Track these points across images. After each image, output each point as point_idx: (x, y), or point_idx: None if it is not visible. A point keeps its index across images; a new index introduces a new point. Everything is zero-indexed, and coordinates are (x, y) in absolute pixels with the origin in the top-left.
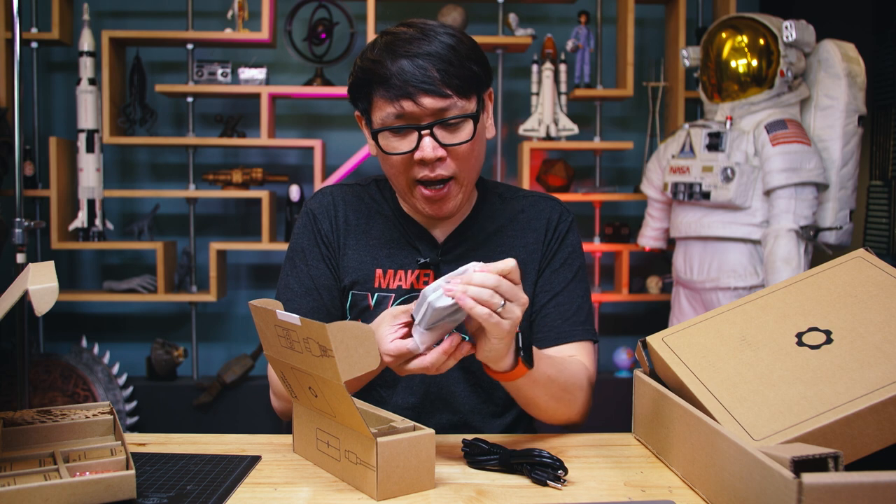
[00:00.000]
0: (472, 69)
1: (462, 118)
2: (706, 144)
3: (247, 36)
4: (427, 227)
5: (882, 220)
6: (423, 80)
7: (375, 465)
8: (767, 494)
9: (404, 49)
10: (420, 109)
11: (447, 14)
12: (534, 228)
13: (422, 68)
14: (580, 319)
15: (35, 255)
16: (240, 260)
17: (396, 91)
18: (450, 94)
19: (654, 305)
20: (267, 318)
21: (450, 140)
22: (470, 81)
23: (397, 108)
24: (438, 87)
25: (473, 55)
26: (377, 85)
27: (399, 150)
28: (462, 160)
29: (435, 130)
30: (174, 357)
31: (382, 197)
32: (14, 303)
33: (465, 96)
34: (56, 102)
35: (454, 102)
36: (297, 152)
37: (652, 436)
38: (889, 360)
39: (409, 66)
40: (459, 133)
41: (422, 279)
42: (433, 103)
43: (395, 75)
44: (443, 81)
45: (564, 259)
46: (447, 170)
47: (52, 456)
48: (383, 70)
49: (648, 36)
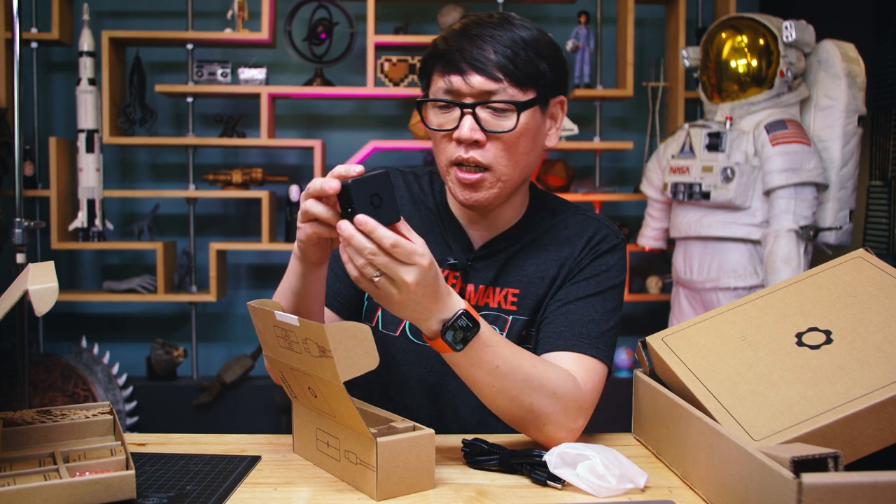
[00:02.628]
0: (538, 65)
1: (507, 104)
2: (706, 144)
3: (247, 36)
4: (466, 229)
5: (882, 220)
6: (477, 58)
7: (375, 465)
8: (767, 494)
9: (474, 30)
10: (468, 87)
11: (447, 14)
12: (572, 244)
13: (481, 48)
14: (590, 333)
15: (35, 255)
16: (240, 260)
17: (450, 66)
18: (500, 77)
19: (654, 305)
20: (265, 319)
21: (492, 126)
22: (530, 74)
23: (447, 82)
24: (490, 69)
25: (547, 55)
26: (437, 60)
27: (440, 125)
28: (501, 151)
29: (479, 112)
30: (174, 357)
31: (431, 189)
32: (14, 303)
33: (520, 86)
34: (56, 102)
35: (504, 88)
36: (297, 152)
37: (652, 436)
38: (889, 360)
39: (470, 44)
40: (504, 121)
41: (450, 279)
42: (482, 83)
43: (454, 51)
44: (497, 64)
45: (592, 274)
46: (483, 157)
47: (52, 456)
48: (446, 46)
49: (648, 36)
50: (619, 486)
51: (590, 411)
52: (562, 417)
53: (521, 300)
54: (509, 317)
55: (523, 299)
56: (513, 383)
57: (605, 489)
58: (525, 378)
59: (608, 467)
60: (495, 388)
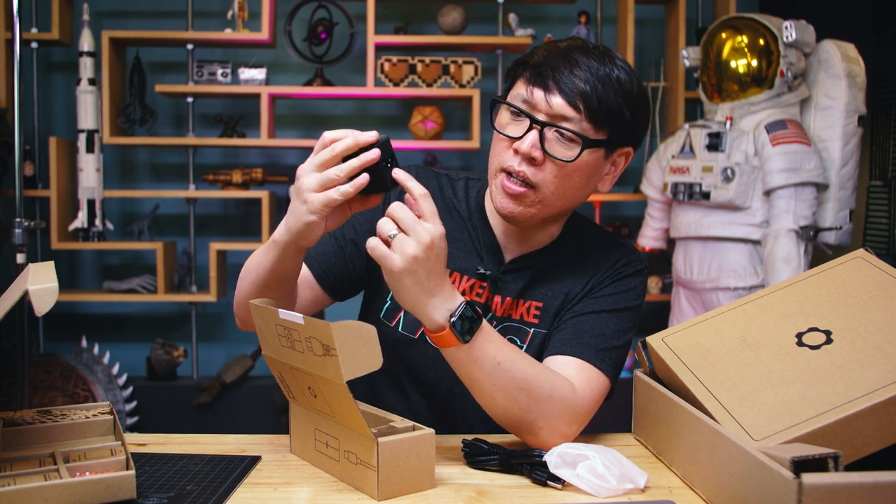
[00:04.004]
0: (621, 110)
1: (574, 134)
2: (706, 144)
3: (247, 36)
4: (500, 242)
5: (882, 220)
6: (565, 80)
7: (376, 465)
8: (767, 494)
9: (575, 55)
10: (546, 105)
11: (447, 14)
12: (598, 265)
13: (572, 73)
14: (597, 345)
15: (35, 255)
16: (240, 260)
17: (537, 78)
18: (580, 107)
19: (654, 305)
20: (268, 318)
21: (553, 150)
22: (609, 115)
23: (528, 92)
24: (573, 95)
25: (634, 103)
26: (527, 68)
27: (507, 131)
28: (553, 177)
29: (546, 131)
30: (174, 357)
31: (466, 195)
32: (14, 303)
33: (595, 123)
34: (56, 102)
35: (579, 119)
36: (297, 152)
37: (652, 436)
38: (889, 360)
39: (564, 65)
40: (567, 150)
41: (476, 289)
42: (560, 107)
43: (547, 66)
44: (582, 93)
45: (611, 293)
46: (534, 176)
47: (52, 456)
48: (540, 59)
49: (648, 36)
50: (619, 486)
51: (585, 420)
52: (556, 422)
53: (544, 314)
54: (531, 329)
55: (545, 313)
56: (512, 381)
57: (605, 489)
58: (524, 376)
59: (608, 467)
60: (495, 386)
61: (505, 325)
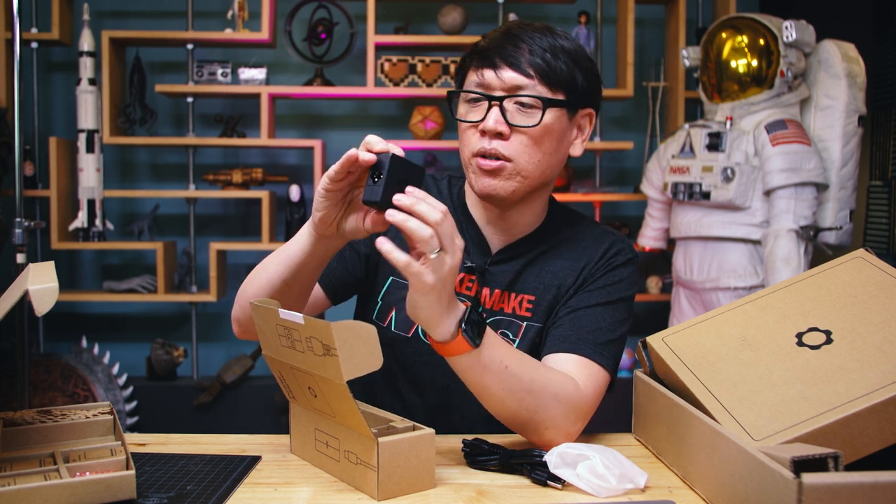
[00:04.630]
0: (571, 71)
1: (534, 99)
2: (706, 144)
3: (247, 36)
4: (485, 232)
5: (882, 220)
6: (512, 54)
7: (377, 465)
8: (767, 494)
9: (515, 31)
10: (499, 81)
11: (447, 14)
12: (588, 256)
13: (517, 47)
14: (595, 339)
15: (35, 255)
16: (240, 260)
17: (485, 61)
18: (531, 74)
19: (654, 305)
20: (268, 318)
21: (517, 120)
22: (561, 77)
23: (479, 76)
24: (523, 65)
25: (583, 66)
26: (474, 57)
27: (468, 117)
28: (524, 146)
29: (506, 105)
30: (174, 357)
31: (450, 191)
32: (14, 303)
33: (550, 86)
34: (56, 102)
35: (533, 84)
36: (297, 152)
37: (652, 436)
38: (889, 360)
39: (508, 44)
40: (530, 117)
41: (465, 283)
42: (512, 78)
43: (492, 48)
44: (530, 63)
45: (604, 285)
46: (506, 149)
47: (52, 456)
48: (486, 44)
49: (648, 36)
50: (619, 486)
51: (588, 416)
52: (562, 421)
53: (536, 307)
54: (523, 323)
55: (538, 306)
56: (520, 384)
57: (605, 489)
58: (531, 379)
59: (608, 467)
60: (503, 390)
61: (497, 319)
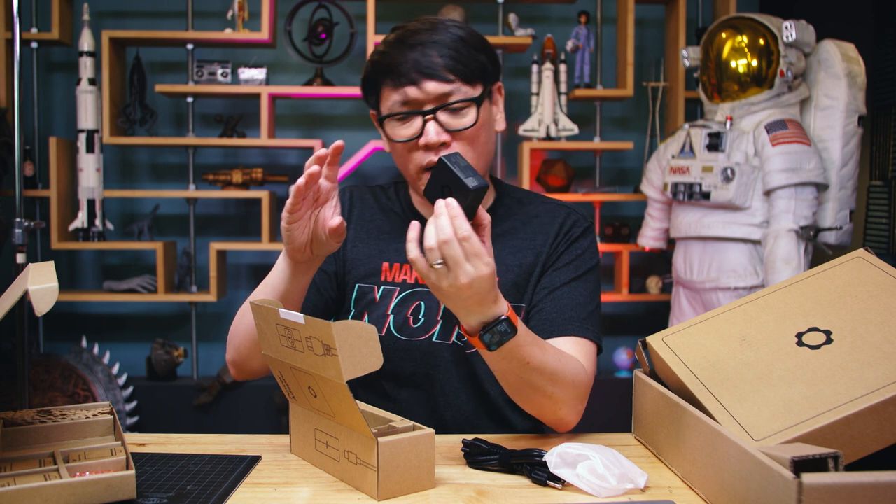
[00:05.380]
0: (479, 59)
1: (465, 102)
2: (706, 144)
3: (247, 36)
4: None
5: (882, 220)
6: (427, 66)
7: (377, 465)
8: (767, 494)
9: (412, 39)
10: (424, 95)
11: (447, 14)
12: (545, 232)
13: (427, 56)
14: (579, 316)
15: (35, 255)
16: (240, 260)
17: (402, 78)
18: (453, 79)
19: (654, 305)
20: (268, 317)
21: (454, 125)
22: (476, 69)
23: (402, 94)
24: (442, 73)
25: (482, 47)
26: (384, 75)
27: (405, 136)
28: (467, 145)
29: (439, 115)
30: (174, 357)
31: (397, 197)
32: (14, 303)
33: (470, 83)
34: (56, 102)
35: (458, 87)
36: (297, 152)
37: (652, 436)
38: (889, 360)
39: (414, 54)
40: (464, 118)
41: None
42: (437, 88)
43: (402, 63)
44: (446, 67)
45: (571, 259)
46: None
47: (52, 456)
48: (390, 60)
49: (648, 36)
50: (619, 486)
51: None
52: (575, 402)
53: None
54: None
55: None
56: (540, 377)
57: (605, 489)
58: (552, 370)
59: (608, 467)
60: (522, 380)
61: None
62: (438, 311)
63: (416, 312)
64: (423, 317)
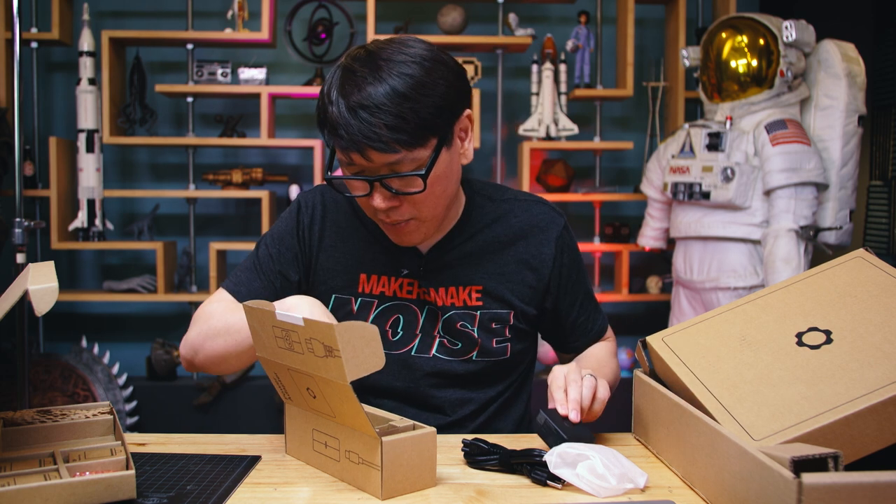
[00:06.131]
0: (426, 116)
1: (412, 171)
2: (706, 144)
3: (247, 36)
4: None
5: (882, 220)
6: (369, 135)
7: (380, 464)
8: (767, 494)
9: (354, 96)
10: (369, 163)
11: (447, 14)
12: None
13: (368, 123)
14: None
15: (35, 255)
16: (239, 260)
17: (346, 143)
18: (398, 149)
19: (654, 305)
20: (263, 319)
21: (403, 189)
22: (423, 130)
23: (348, 157)
24: (387, 144)
25: (434, 93)
26: (330, 131)
27: (355, 193)
28: (419, 205)
29: (388, 181)
30: (174, 357)
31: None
32: (14, 303)
33: (420, 142)
34: (56, 102)
35: (405, 156)
36: (297, 152)
37: (652, 436)
38: (889, 360)
39: (355, 120)
40: (412, 184)
41: (405, 288)
42: (382, 158)
43: (343, 127)
44: (391, 138)
45: (574, 265)
46: (403, 214)
47: (52, 456)
48: (334, 118)
49: (648, 36)
50: (619, 486)
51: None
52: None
53: (485, 295)
54: (477, 312)
55: (487, 294)
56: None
57: (605, 489)
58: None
59: (608, 467)
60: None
61: (451, 314)
62: (417, 325)
63: (394, 326)
64: (402, 330)
